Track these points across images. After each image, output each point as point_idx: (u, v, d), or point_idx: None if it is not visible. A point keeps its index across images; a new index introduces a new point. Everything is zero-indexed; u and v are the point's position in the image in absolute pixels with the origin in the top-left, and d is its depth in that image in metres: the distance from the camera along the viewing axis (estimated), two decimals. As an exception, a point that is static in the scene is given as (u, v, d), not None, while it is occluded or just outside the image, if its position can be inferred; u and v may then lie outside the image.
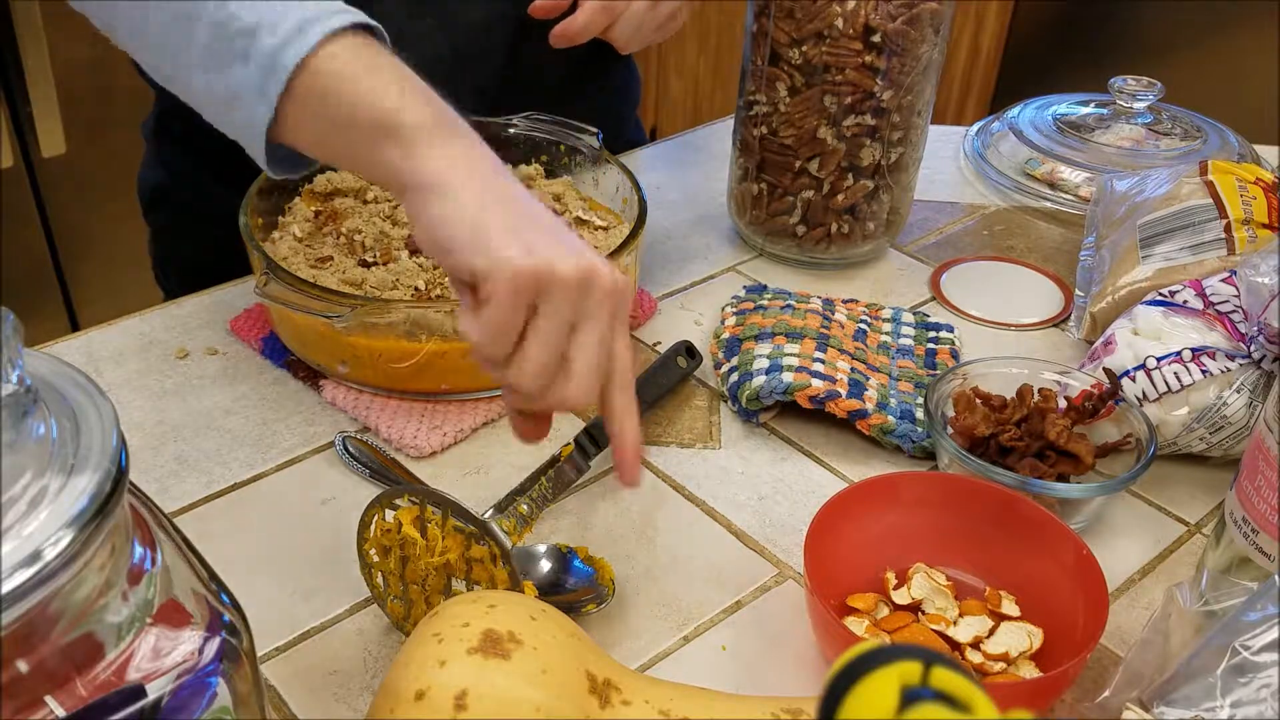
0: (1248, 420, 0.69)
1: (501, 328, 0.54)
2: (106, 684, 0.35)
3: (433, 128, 0.57)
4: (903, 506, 0.64)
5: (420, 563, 0.58)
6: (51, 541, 0.33)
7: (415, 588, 0.60)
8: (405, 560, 0.59)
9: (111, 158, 1.71)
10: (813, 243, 0.92)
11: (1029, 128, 1.11)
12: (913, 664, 0.30)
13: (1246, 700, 0.48)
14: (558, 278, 0.54)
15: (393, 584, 0.60)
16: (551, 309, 0.54)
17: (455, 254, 0.55)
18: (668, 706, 0.50)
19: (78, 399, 0.38)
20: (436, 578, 0.59)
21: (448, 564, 0.58)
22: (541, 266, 0.53)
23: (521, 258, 0.53)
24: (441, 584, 0.59)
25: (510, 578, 0.57)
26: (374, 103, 0.57)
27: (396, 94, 0.57)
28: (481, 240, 0.54)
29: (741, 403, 0.76)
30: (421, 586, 0.59)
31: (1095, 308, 0.83)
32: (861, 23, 0.81)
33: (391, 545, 0.59)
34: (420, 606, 0.60)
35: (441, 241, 0.55)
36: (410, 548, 0.59)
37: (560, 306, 0.54)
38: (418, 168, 0.56)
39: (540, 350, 0.55)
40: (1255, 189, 0.82)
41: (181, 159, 0.99)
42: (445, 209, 0.55)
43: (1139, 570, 0.67)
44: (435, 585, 0.59)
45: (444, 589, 0.59)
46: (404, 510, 0.59)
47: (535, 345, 0.54)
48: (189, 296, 0.88)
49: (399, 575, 0.60)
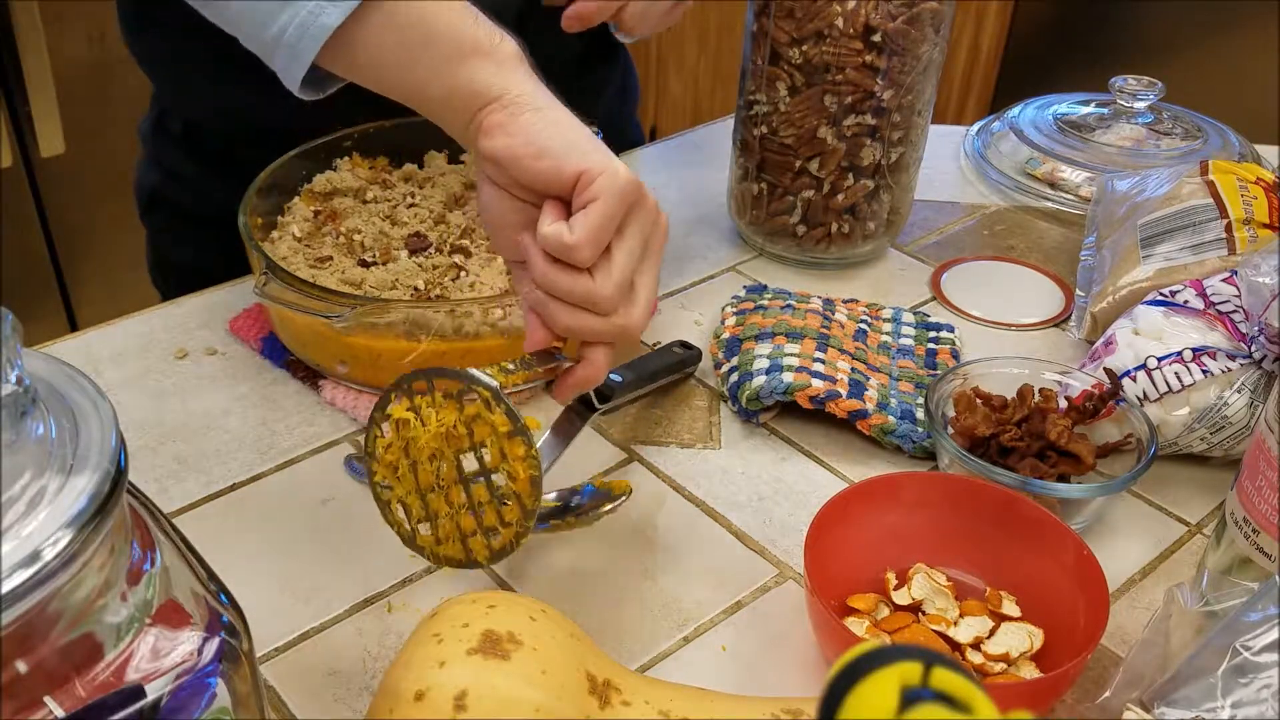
0: (1248, 420, 0.69)
1: (603, 230, 0.56)
2: (105, 684, 0.35)
3: (522, 59, 0.60)
4: (903, 507, 0.64)
5: (425, 451, 0.57)
6: (50, 542, 0.33)
7: (434, 496, 0.58)
8: (415, 466, 0.58)
9: (110, 158, 1.71)
10: (813, 243, 0.92)
11: (1029, 127, 1.11)
12: (913, 664, 0.29)
13: (1247, 701, 0.48)
14: (647, 199, 0.58)
15: (413, 505, 0.59)
16: (637, 227, 0.57)
17: (558, 158, 0.57)
18: (668, 707, 0.50)
19: (77, 399, 0.38)
20: (448, 466, 0.57)
21: (448, 434, 0.56)
22: (640, 183, 0.57)
23: (626, 169, 0.56)
24: (453, 472, 0.57)
25: (508, 416, 0.55)
26: (464, 26, 0.59)
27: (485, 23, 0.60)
28: (584, 151, 0.57)
29: (741, 403, 0.76)
30: (438, 487, 0.58)
31: (1096, 308, 0.83)
32: (862, 22, 0.81)
33: (395, 458, 0.58)
34: (445, 519, 0.58)
35: (543, 148, 0.57)
36: (413, 445, 0.57)
37: (643, 227, 0.58)
38: (515, 84, 0.59)
39: (626, 261, 0.57)
40: (1256, 189, 0.82)
41: (179, 159, 0.99)
42: (544, 122, 0.58)
43: (1140, 570, 0.67)
44: (449, 476, 0.57)
45: (458, 476, 0.57)
46: (394, 408, 0.58)
47: (622, 256, 0.57)
48: (188, 296, 0.88)
49: (415, 489, 0.58)
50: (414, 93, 0.61)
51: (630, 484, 0.67)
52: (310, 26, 0.59)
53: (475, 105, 0.59)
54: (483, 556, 0.58)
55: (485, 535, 0.58)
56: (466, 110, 0.60)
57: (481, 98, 0.59)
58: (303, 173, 0.87)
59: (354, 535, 0.67)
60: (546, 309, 0.59)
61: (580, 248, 0.55)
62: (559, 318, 0.58)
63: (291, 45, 0.60)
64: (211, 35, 0.66)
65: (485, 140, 0.59)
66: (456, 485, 0.58)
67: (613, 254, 0.57)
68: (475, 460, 0.57)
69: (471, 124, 0.60)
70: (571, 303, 0.58)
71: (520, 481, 0.56)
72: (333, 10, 0.59)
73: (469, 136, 0.61)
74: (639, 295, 0.58)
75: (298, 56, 0.61)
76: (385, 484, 0.59)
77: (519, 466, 0.56)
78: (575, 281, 0.57)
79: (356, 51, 0.61)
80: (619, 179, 0.56)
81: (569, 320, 0.58)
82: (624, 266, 0.57)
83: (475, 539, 0.58)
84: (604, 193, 0.55)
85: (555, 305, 0.58)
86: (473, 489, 0.58)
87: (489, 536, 0.58)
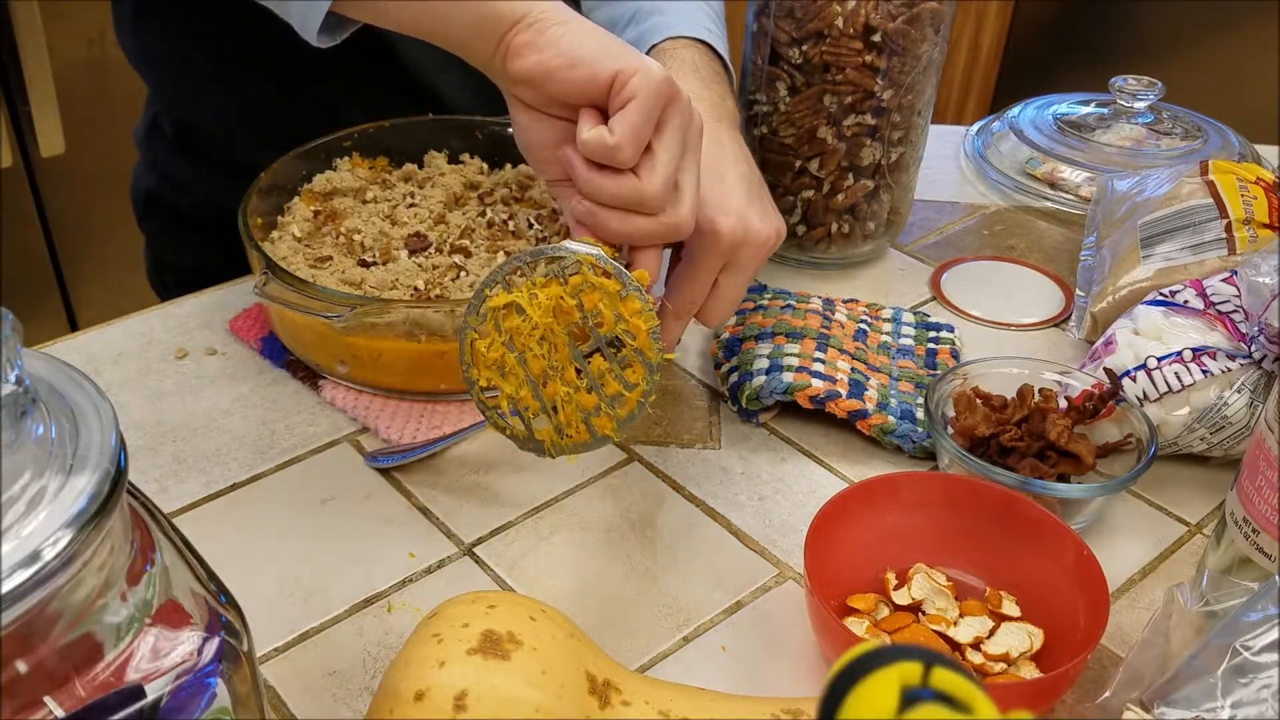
0: (1248, 420, 0.69)
1: (644, 128, 0.56)
2: (105, 684, 0.35)
3: None
4: (903, 507, 0.64)
5: (533, 337, 0.56)
6: (50, 542, 0.33)
7: (555, 383, 0.57)
8: (523, 356, 0.57)
9: (110, 158, 1.71)
10: (813, 243, 0.92)
11: (1029, 127, 1.11)
12: (913, 664, 0.29)
13: (1247, 701, 0.48)
14: (681, 95, 0.57)
15: (527, 399, 0.58)
16: (677, 124, 0.57)
17: (591, 65, 0.57)
18: (668, 707, 0.50)
19: (76, 399, 0.38)
20: (561, 347, 0.56)
21: (556, 310, 0.56)
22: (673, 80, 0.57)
23: (660, 66, 0.56)
24: (566, 351, 0.56)
25: (617, 277, 0.55)
26: None
27: None
28: (615, 54, 0.57)
29: (741, 403, 0.76)
30: (552, 371, 0.57)
31: (1096, 308, 0.83)
32: (862, 22, 0.81)
33: (499, 354, 0.57)
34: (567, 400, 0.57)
35: (575, 58, 0.57)
36: (518, 334, 0.56)
37: (683, 123, 0.57)
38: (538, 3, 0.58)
39: (669, 158, 0.57)
40: (1256, 189, 0.82)
41: (173, 162, 0.99)
42: (572, 33, 0.58)
43: (1139, 570, 0.67)
44: (563, 357, 0.56)
45: (571, 354, 0.56)
46: (493, 299, 0.57)
47: (664, 154, 0.57)
48: (188, 296, 0.88)
49: (525, 381, 0.57)
50: (438, 25, 0.61)
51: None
52: None
53: (500, 29, 0.59)
54: (611, 429, 0.57)
55: (610, 407, 0.57)
56: (493, 35, 0.59)
57: (505, 20, 0.58)
58: (302, 173, 0.87)
59: (354, 535, 0.67)
60: (595, 218, 0.59)
61: (623, 147, 0.56)
62: (610, 224, 0.58)
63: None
64: (208, 36, 0.65)
65: (515, 61, 0.59)
66: (570, 365, 0.57)
67: (655, 151, 0.57)
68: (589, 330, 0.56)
69: (498, 50, 0.59)
70: (620, 206, 0.58)
71: (641, 337, 0.56)
72: None
73: (495, 64, 0.60)
74: (684, 193, 0.58)
75: (314, 9, 0.61)
76: (491, 389, 0.58)
77: (637, 321, 0.55)
78: (622, 183, 0.57)
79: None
80: (654, 76, 0.56)
81: (619, 225, 0.58)
82: (668, 163, 0.57)
83: (599, 417, 0.57)
84: (640, 90, 0.55)
85: (604, 213, 0.58)
86: (590, 364, 0.57)
87: (614, 406, 0.57)
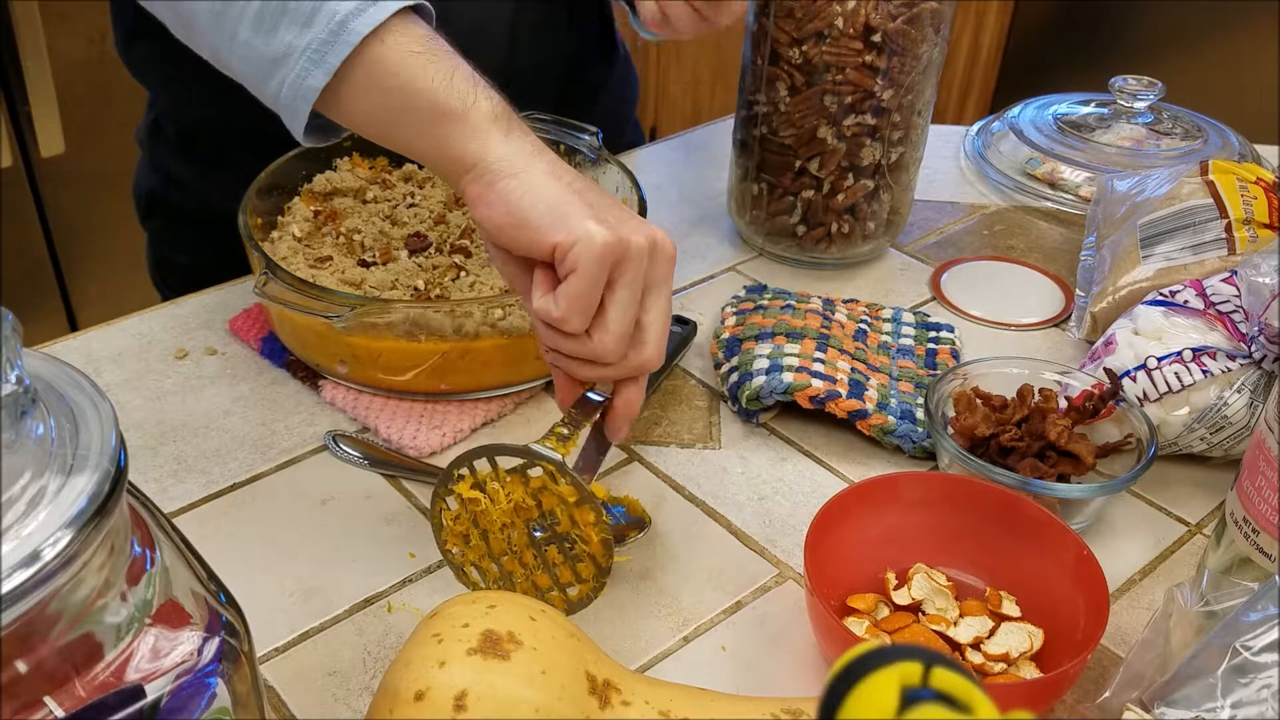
0: (1248, 420, 0.69)
1: (587, 299, 0.57)
2: (105, 684, 0.35)
3: (499, 116, 0.60)
4: (903, 507, 0.64)
5: (496, 523, 0.59)
6: (50, 542, 0.33)
7: (508, 559, 0.60)
8: (486, 535, 0.59)
9: (110, 158, 1.71)
10: (813, 243, 0.92)
11: (1029, 127, 1.11)
12: (913, 664, 0.29)
13: (1247, 701, 0.48)
14: (633, 247, 0.57)
15: (487, 569, 0.61)
16: (629, 278, 0.57)
17: (536, 230, 0.57)
18: (668, 707, 0.50)
19: (76, 399, 0.38)
20: (519, 534, 0.59)
21: (517, 507, 0.58)
22: (620, 238, 0.56)
23: (601, 231, 0.56)
24: (524, 538, 0.59)
25: (575, 487, 0.57)
26: (440, 87, 0.59)
27: (463, 81, 0.60)
28: (560, 217, 0.57)
29: (741, 403, 0.76)
30: (511, 552, 0.59)
31: (1096, 308, 0.83)
32: (862, 22, 0.81)
33: (465, 528, 0.60)
34: (521, 578, 0.60)
35: (521, 219, 0.57)
36: (483, 517, 0.59)
37: (635, 276, 0.58)
38: (490, 150, 0.59)
39: (621, 316, 0.58)
40: (1256, 189, 0.82)
41: (176, 163, 0.99)
42: (521, 188, 0.58)
43: (1139, 570, 0.67)
44: (520, 541, 0.59)
45: (529, 542, 0.59)
46: (460, 485, 0.59)
47: (616, 312, 0.58)
48: (188, 296, 0.88)
49: (488, 554, 0.60)
50: (406, 150, 0.63)
51: (642, 505, 0.69)
52: (300, 88, 0.61)
53: (457, 172, 0.60)
54: (560, 608, 0.60)
55: (561, 590, 0.60)
56: (451, 175, 0.61)
57: (460, 165, 0.60)
58: (302, 173, 0.87)
59: (354, 535, 0.67)
60: (559, 365, 0.62)
61: (567, 319, 0.57)
62: (574, 371, 0.61)
63: (287, 106, 0.62)
64: None
65: (470, 209, 0.60)
66: (529, 549, 0.59)
67: (606, 311, 0.58)
68: (545, 527, 0.59)
69: (458, 189, 0.61)
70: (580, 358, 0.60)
71: (593, 544, 0.58)
72: (316, 73, 0.60)
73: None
74: (647, 334, 0.60)
75: (295, 115, 0.62)
76: (456, 550, 0.61)
77: (590, 531, 0.58)
78: (577, 345, 0.59)
79: (347, 109, 0.62)
80: (594, 246, 0.56)
81: (586, 373, 0.61)
82: (619, 319, 0.58)
83: (552, 594, 0.60)
84: (580, 262, 0.56)
85: (566, 362, 0.61)
86: (545, 551, 0.59)
87: (565, 590, 0.60)
